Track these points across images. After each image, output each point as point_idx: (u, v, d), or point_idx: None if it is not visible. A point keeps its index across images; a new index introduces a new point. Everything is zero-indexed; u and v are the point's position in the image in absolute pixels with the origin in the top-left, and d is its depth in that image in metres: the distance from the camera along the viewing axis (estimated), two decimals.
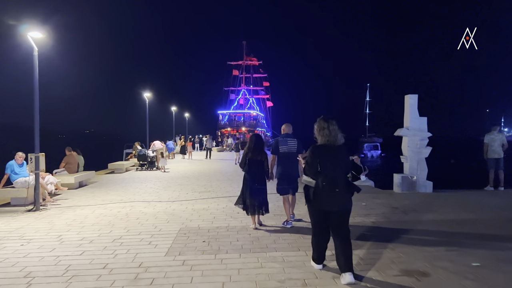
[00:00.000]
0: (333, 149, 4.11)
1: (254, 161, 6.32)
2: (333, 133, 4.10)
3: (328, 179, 3.98)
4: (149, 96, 19.09)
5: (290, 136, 6.59)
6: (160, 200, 9.24)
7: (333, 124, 4.14)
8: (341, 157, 4.14)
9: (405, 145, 10.22)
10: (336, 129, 4.13)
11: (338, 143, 4.13)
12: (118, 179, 13.99)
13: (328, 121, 4.17)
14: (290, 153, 6.48)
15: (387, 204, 8.39)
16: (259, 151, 6.35)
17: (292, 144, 6.50)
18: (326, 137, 4.11)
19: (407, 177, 10.03)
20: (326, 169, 4.03)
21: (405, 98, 10.36)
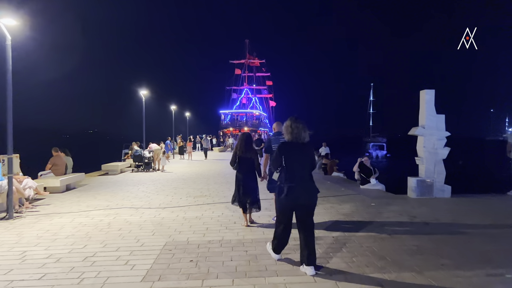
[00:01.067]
0: (299, 146, 4.33)
1: (244, 159, 6.38)
2: (299, 131, 4.33)
3: (293, 174, 4.21)
4: (145, 93, 18.22)
5: (282, 134, 6.22)
6: (150, 207, 8.33)
7: (299, 123, 4.37)
8: (306, 153, 4.34)
9: (421, 146, 9.26)
10: (302, 128, 4.34)
11: (304, 140, 4.35)
12: (110, 182, 13.11)
13: (295, 121, 4.39)
14: None
15: (403, 212, 7.45)
16: (249, 149, 6.41)
17: None
18: (293, 135, 4.35)
19: (423, 181, 9.08)
20: (291, 165, 4.25)
21: (420, 94, 9.41)
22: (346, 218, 6.95)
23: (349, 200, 8.84)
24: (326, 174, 14.97)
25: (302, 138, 4.35)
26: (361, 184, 10.90)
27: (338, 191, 10.36)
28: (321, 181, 12.95)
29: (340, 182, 12.63)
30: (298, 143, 4.34)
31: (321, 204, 8.25)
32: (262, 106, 73.36)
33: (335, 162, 15.12)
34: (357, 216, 7.16)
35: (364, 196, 9.29)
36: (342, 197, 9.28)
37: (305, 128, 4.38)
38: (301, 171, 4.26)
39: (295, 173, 4.23)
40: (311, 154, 4.43)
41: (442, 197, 9.09)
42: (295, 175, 4.22)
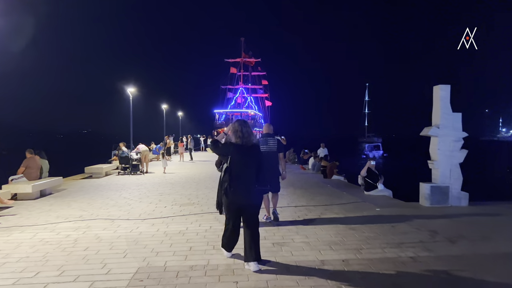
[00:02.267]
0: (246, 148, 4.43)
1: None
2: (246, 134, 4.45)
3: (238, 175, 4.34)
4: (132, 91, 17.13)
5: (271, 135, 6.79)
6: (128, 218, 7.27)
7: (246, 126, 4.53)
8: (253, 155, 4.47)
9: (435, 148, 8.27)
10: (249, 131, 4.49)
11: (251, 143, 4.49)
12: (92, 186, 12.01)
13: (244, 125, 4.54)
14: (271, 152, 6.62)
15: (420, 225, 6.44)
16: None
17: (272, 144, 6.68)
18: (241, 137, 4.44)
19: (438, 187, 8.09)
20: (237, 166, 4.36)
21: (434, 90, 8.42)
22: (355, 233, 5.94)
23: (355, 209, 7.83)
24: (325, 177, 13.96)
25: (250, 141, 4.49)
26: (366, 189, 9.90)
27: (341, 197, 9.35)
28: (321, 185, 11.93)
29: (341, 186, 11.63)
30: (246, 146, 4.46)
31: (325, 215, 7.24)
32: (257, 106, 72.22)
33: (335, 164, 14.11)
34: (367, 229, 6.15)
35: (371, 205, 8.28)
36: (347, 205, 8.26)
37: (252, 131, 4.58)
38: (247, 172, 4.40)
39: (241, 174, 4.37)
40: (258, 156, 4.57)
41: (458, 205, 8.11)
42: (241, 176, 4.36)
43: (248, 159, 4.43)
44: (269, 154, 6.51)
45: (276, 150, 6.69)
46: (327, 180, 13.27)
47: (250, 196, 4.37)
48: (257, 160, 4.51)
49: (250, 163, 4.43)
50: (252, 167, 4.43)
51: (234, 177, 4.35)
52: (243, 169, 4.38)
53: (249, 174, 4.39)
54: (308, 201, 8.82)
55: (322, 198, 9.27)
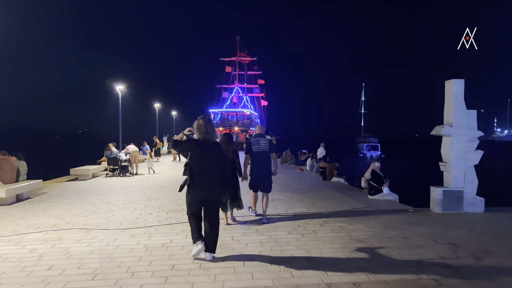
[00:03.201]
0: (208, 145, 4.61)
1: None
2: (209, 131, 4.62)
3: (201, 171, 4.50)
4: (121, 89, 16.28)
5: (262, 136, 6.89)
6: (107, 227, 6.47)
7: (210, 123, 4.68)
8: (215, 152, 4.65)
9: (447, 148, 7.53)
10: (212, 128, 4.67)
11: (213, 140, 4.67)
12: (75, 190, 11.17)
13: (208, 122, 4.67)
14: (263, 152, 6.72)
15: (436, 235, 5.69)
16: (229, 149, 6.38)
17: (264, 144, 6.74)
18: (204, 134, 4.60)
19: (451, 192, 7.35)
20: (199, 161, 4.53)
21: (446, 85, 7.68)
22: (364, 247, 5.17)
23: (361, 217, 7.06)
24: (325, 180, 13.20)
25: (212, 138, 4.64)
26: (370, 193, 9.15)
27: (344, 203, 8.58)
28: (321, 188, 11.17)
29: (343, 189, 10.86)
30: (208, 142, 4.62)
31: (328, 224, 6.47)
32: (253, 106, 71.37)
33: (335, 165, 13.35)
34: (377, 242, 5.39)
35: (378, 211, 7.52)
36: (351, 212, 7.50)
37: (215, 130, 4.74)
38: (209, 168, 4.55)
39: (202, 169, 4.51)
40: (220, 152, 4.76)
41: (474, 212, 7.37)
42: (202, 171, 4.51)
43: (210, 155, 4.60)
44: (261, 154, 6.70)
45: (268, 150, 6.77)
46: (327, 183, 12.51)
47: (210, 192, 4.59)
48: (219, 158, 4.71)
49: (211, 159, 4.60)
50: (213, 163, 4.61)
51: (195, 173, 4.52)
52: (204, 164, 4.54)
53: (210, 170, 4.57)
54: (308, 207, 8.05)
55: (323, 203, 8.49)
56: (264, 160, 6.71)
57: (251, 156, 6.73)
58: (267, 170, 6.77)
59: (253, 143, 6.71)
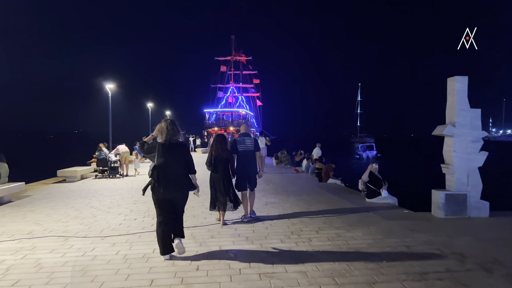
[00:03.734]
0: (172, 146, 4.70)
1: (219, 159, 6.45)
2: (174, 132, 4.71)
3: (165, 171, 4.64)
4: (111, 87, 15.79)
5: (248, 135, 7.04)
6: (86, 235, 6.01)
7: (174, 125, 4.77)
8: (178, 152, 4.75)
9: (449, 149, 7.12)
10: (176, 130, 4.74)
11: (177, 141, 4.74)
12: (60, 192, 10.69)
13: (171, 123, 4.77)
14: (248, 151, 6.83)
15: (441, 244, 5.26)
16: (223, 150, 6.47)
17: (249, 143, 6.85)
18: (167, 135, 4.69)
19: (454, 195, 6.94)
20: (164, 162, 4.64)
21: (448, 82, 7.27)
22: (363, 257, 4.75)
23: (359, 222, 6.64)
24: (320, 181, 12.77)
25: (175, 139, 4.71)
26: (368, 196, 8.74)
27: (341, 206, 8.15)
28: (317, 190, 10.74)
29: (339, 192, 10.45)
30: (172, 143, 4.69)
31: (324, 230, 6.04)
32: (249, 105, 70.89)
33: (331, 166, 12.92)
34: (377, 252, 4.97)
35: (376, 216, 7.10)
36: (349, 217, 7.07)
37: (179, 130, 4.78)
38: (173, 168, 4.67)
39: (167, 170, 4.64)
40: (183, 153, 4.83)
41: (478, 216, 6.97)
42: (167, 172, 4.64)
43: (174, 156, 4.70)
44: (246, 153, 6.83)
45: (253, 149, 6.89)
46: (323, 185, 12.08)
47: (176, 192, 4.73)
48: (183, 156, 4.82)
49: (175, 159, 4.72)
50: (177, 164, 4.74)
51: (161, 174, 4.65)
52: (168, 166, 4.66)
53: (175, 170, 4.71)
54: (303, 212, 7.62)
55: (320, 207, 8.06)
56: (250, 159, 6.87)
57: (237, 156, 6.87)
58: (253, 169, 6.92)
59: (238, 142, 6.86)
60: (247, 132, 7.20)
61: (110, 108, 15.70)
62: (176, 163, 4.72)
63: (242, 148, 6.82)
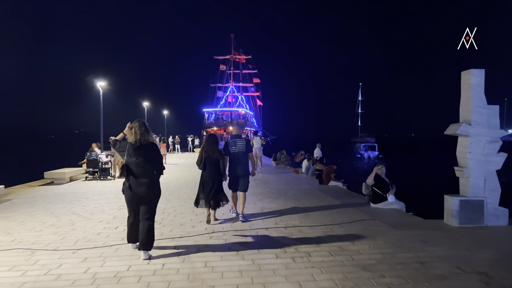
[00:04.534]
0: (141, 146, 4.82)
1: (210, 159, 6.50)
2: (143, 133, 4.83)
3: (134, 171, 4.76)
4: (103, 85, 15.12)
5: (239, 137, 7.05)
6: (58, 247, 5.32)
7: (144, 126, 4.88)
8: (147, 153, 4.84)
9: (464, 150, 6.43)
10: (145, 130, 4.86)
11: (147, 142, 4.87)
12: (44, 196, 10.01)
13: (139, 124, 4.87)
14: (240, 153, 6.85)
15: (459, 260, 4.58)
16: (215, 150, 6.51)
17: (241, 144, 6.87)
18: (137, 136, 4.82)
19: (469, 202, 6.26)
20: (133, 163, 4.76)
21: (462, 76, 6.58)
22: (370, 277, 4.06)
23: (364, 232, 5.95)
24: (321, 183, 12.08)
25: (145, 140, 4.86)
26: (373, 201, 8.05)
27: (343, 213, 7.47)
28: (317, 194, 10.04)
29: (341, 196, 9.75)
30: (142, 144, 4.83)
31: (325, 243, 5.34)
32: (248, 105, 70.11)
33: (332, 168, 12.20)
34: (387, 269, 4.28)
35: (383, 224, 6.41)
36: (352, 226, 6.38)
37: (149, 131, 4.92)
38: (141, 168, 4.78)
39: (136, 170, 4.77)
40: (152, 153, 4.93)
41: (496, 225, 6.28)
42: (136, 172, 4.77)
43: (143, 157, 4.79)
44: (238, 155, 6.85)
45: (245, 151, 6.90)
46: (323, 188, 11.39)
47: (144, 191, 4.77)
48: (152, 157, 4.89)
49: (144, 160, 4.79)
50: (146, 164, 4.81)
51: (130, 173, 4.78)
52: (138, 165, 4.76)
53: (144, 170, 4.78)
54: (301, 219, 6.93)
55: (320, 214, 7.36)
56: (242, 160, 6.89)
57: (229, 157, 6.88)
58: (245, 171, 6.95)
59: (230, 144, 6.89)
60: (238, 134, 7.23)
61: (101, 106, 15.04)
62: (144, 163, 4.80)
63: (233, 150, 6.84)
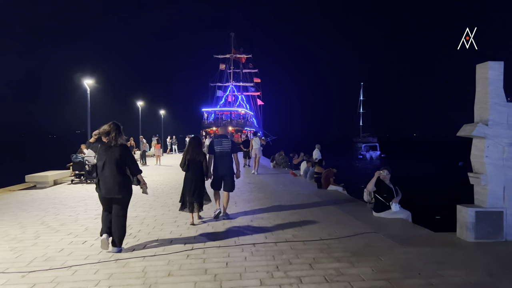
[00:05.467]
0: (112, 147, 5.00)
1: (193, 161, 6.66)
2: (115, 134, 5.00)
3: (103, 171, 4.97)
4: (90, 83, 14.36)
5: (225, 137, 7.20)
6: (7, 269, 4.52)
7: (117, 128, 5.04)
8: (117, 154, 4.98)
9: (480, 154, 5.63)
10: (117, 132, 5.02)
11: (118, 143, 5.02)
12: (19, 202, 9.24)
13: (113, 126, 5.04)
14: (224, 152, 6.97)
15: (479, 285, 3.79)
16: (198, 152, 6.70)
17: (226, 144, 7.00)
18: (109, 137, 5.01)
19: (487, 213, 5.46)
20: (103, 162, 4.99)
21: (477, 70, 5.78)
22: None
23: (366, 249, 5.15)
24: (320, 187, 11.27)
25: (116, 141, 5.01)
26: (375, 209, 7.27)
27: (343, 224, 6.66)
28: (315, 200, 9.23)
29: (341, 202, 8.95)
30: (113, 145, 5.00)
31: (320, 264, 4.54)
32: (249, 105, 69.17)
33: (331, 171, 11.39)
34: None
35: (388, 240, 5.59)
36: (353, 240, 5.58)
37: (121, 133, 5.08)
38: (111, 168, 4.95)
39: (105, 170, 4.96)
40: (121, 154, 5.01)
41: None
42: (106, 172, 4.95)
43: (112, 158, 4.95)
44: (222, 154, 6.96)
45: (229, 151, 7.02)
46: (321, 193, 10.59)
47: (112, 191, 4.96)
48: (121, 157, 4.98)
49: (114, 161, 4.95)
50: (116, 165, 4.95)
51: (101, 173, 4.99)
52: (106, 165, 4.96)
53: (112, 171, 4.94)
54: (295, 232, 6.13)
55: (316, 226, 6.55)
56: (226, 160, 7.00)
57: (214, 156, 6.99)
58: (229, 171, 7.06)
59: (215, 143, 7.00)
60: (224, 134, 7.40)
61: (88, 105, 14.26)
62: (114, 164, 4.95)
63: (218, 149, 6.96)
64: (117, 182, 4.91)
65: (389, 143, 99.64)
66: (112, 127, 5.01)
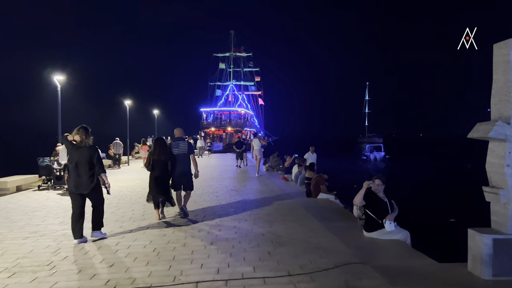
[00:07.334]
0: (82, 148, 5.67)
1: (158, 162, 7.01)
2: (85, 137, 5.69)
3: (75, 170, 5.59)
4: (60, 79, 13.12)
5: (181, 139, 7.57)
6: None
7: (85, 131, 5.72)
8: (86, 154, 5.65)
9: (500, 163, 4.27)
10: (87, 134, 5.72)
11: (87, 144, 5.71)
12: None
13: (82, 129, 5.72)
14: (181, 154, 7.33)
15: None
16: (163, 153, 7.03)
17: (183, 146, 7.39)
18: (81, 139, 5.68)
19: (509, 241, 4.11)
20: (74, 162, 5.61)
21: (494, 51, 4.41)
22: None
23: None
24: (309, 196, 9.90)
25: (86, 142, 5.69)
26: (366, 228, 5.94)
27: (325, 249, 5.30)
28: (299, 213, 7.87)
29: (329, 216, 7.62)
30: (82, 146, 5.67)
31: None
32: (249, 104, 67.60)
33: (322, 178, 10.00)
34: None
35: (377, 275, 4.25)
36: (330, 276, 4.23)
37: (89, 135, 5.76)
38: (80, 168, 5.60)
39: (77, 169, 5.60)
40: (90, 155, 5.66)
41: None
42: (77, 171, 5.60)
43: (81, 157, 5.63)
44: (180, 156, 7.30)
45: (187, 152, 7.37)
46: (309, 202, 9.22)
47: (81, 188, 5.60)
48: (89, 158, 5.64)
49: (82, 160, 5.61)
50: (84, 164, 5.61)
51: (72, 171, 5.64)
52: (78, 164, 5.61)
53: (81, 170, 5.60)
54: (259, 261, 4.79)
55: (290, 251, 5.19)
56: (183, 161, 7.34)
57: (172, 158, 7.21)
58: (186, 170, 7.42)
59: (173, 146, 7.32)
60: (181, 136, 7.67)
61: (59, 104, 13.02)
62: (82, 163, 5.59)
63: (176, 152, 7.28)
64: (86, 179, 5.58)
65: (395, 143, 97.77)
66: (81, 130, 5.70)
